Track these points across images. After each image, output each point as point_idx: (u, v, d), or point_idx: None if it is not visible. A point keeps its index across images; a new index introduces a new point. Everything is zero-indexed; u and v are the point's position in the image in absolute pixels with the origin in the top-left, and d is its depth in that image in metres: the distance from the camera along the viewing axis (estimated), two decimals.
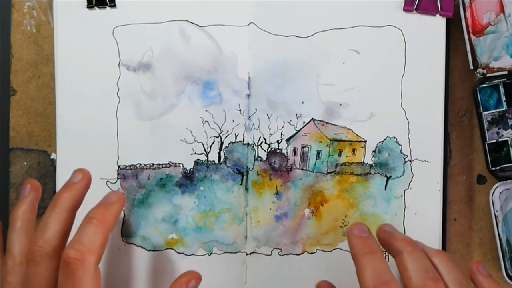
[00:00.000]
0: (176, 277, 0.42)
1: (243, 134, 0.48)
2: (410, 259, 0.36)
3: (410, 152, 0.48)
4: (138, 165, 0.48)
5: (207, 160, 0.48)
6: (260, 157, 0.48)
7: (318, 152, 0.48)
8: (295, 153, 0.48)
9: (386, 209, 0.48)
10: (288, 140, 0.48)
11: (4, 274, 0.39)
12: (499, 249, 0.47)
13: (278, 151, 0.48)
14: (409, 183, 0.48)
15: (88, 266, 0.35)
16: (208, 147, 0.48)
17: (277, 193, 0.48)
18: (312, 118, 0.48)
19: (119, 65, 0.48)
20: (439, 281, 0.35)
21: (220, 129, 0.48)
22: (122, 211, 0.48)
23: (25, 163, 0.50)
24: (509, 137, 0.48)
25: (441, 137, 0.48)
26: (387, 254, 0.46)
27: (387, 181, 0.48)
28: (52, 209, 0.39)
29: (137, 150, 0.48)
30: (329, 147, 0.48)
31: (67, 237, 0.38)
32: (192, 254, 0.48)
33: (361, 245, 0.38)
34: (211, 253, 0.48)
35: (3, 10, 0.50)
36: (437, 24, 0.48)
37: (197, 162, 0.48)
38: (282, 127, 0.48)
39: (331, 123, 0.48)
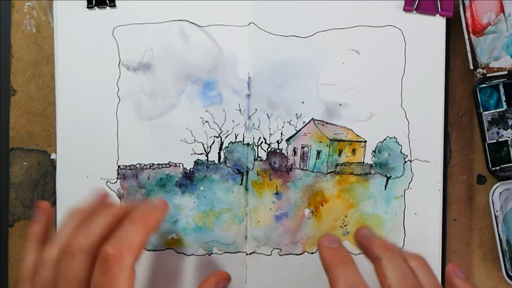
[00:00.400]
0: (206, 276, 0.41)
1: (243, 134, 0.48)
2: (389, 265, 0.36)
3: (410, 152, 0.48)
4: (138, 165, 0.48)
5: (207, 160, 0.48)
6: (260, 157, 0.48)
7: (318, 152, 0.48)
8: (295, 153, 0.48)
9: (386, 209, 0.48)
10: (288, 140, 0.48)
11: (37, 265, 0.38)
12: (499, 249, 0.47)
13: (278, 151, 0.48)
14: (409, 183, 0.48)
15: (125, 264, 0.35)
16: (208, 147, 0.48)
17: (277, 193, 0.48)
18: (312, 118, 0.48)
19: (119, 65, 0.48)
20: None
21: (220, 129, 0.48)
22: None
23: (25, 163, 0.50)
24: (509, 137, 0.48)
25: (441, 137, 0.48)
26: None
27: (387, 181, 0.48)
28: (104, 209, 0.38)
29: (137, 150, 0.48)
30: (329, 147, 0.48)
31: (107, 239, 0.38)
32: (192, 254, 0.48)
33: (332, 256, 0.37)
34: (211, 253, 0.48)
35: (3, 10, 0.50)
36: (437, 24, 0.48)
37: (197, 162, 0.48)
38: (282, 127, 0.48)
39: (331, 123, 0.48)
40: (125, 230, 0.36)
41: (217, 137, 0.48)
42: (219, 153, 0.48)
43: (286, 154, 0.48)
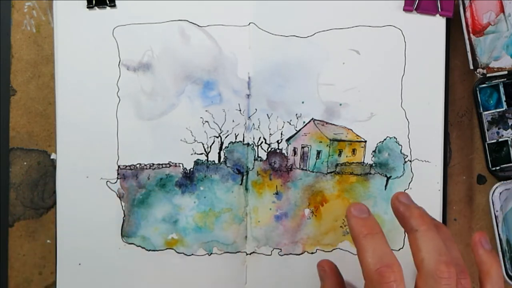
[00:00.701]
0: None
1: (243, 134, 0.48)
2: (425, 239, 0.36)
3: (410, 152, 0.48)
4: (138, 165, 0.48)
5: (207, 160, 0.48)
6: (260, 157, 0.48)
7: (318, 152, 0.48)
8: (295, 153, 0.48)
9: (386, 209, 0.48)
10: (288, 140, 0.48)
11: None
12: (499, 249, 0.47)
13: (278, 151, 0.48)
14: (409, 183, 0.48)
15: None
16: (208, 147, 0.48)
17: (277, 193, 0.48)
18: (312, 118, 0.48)
19: (119, 65, 0.48)
20: (452, 265, 0.34)
21: (220, 129, 0.48)
22: (122, 211, 0.48)
23: (25, 163, 0.50)
24: (509, 137, 0.48)
25: (441, 137, 0.48)
26: None
27: (387, 181, 0.48)
28: None
29: (137, 150, 0.48)
30: (329, 147, 0.48)
31: None
32: (192, 254, 0.48)
33: (361, 226, 0.37)
34: (211, 253, 0.48)
35: (3, 10, 0.50)
36: (437, 24, 0.48)
37: (197, 162, 0.48)
38: (282, 127, 0.48)
39: (331, 123, 0.48)
40: None
41: (217, 137, 0.48)
42: (219, 153, 0.48)
43: (286, 154, 0.48)
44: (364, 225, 0.37)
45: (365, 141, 0.48)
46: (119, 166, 0.48)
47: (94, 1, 0.47)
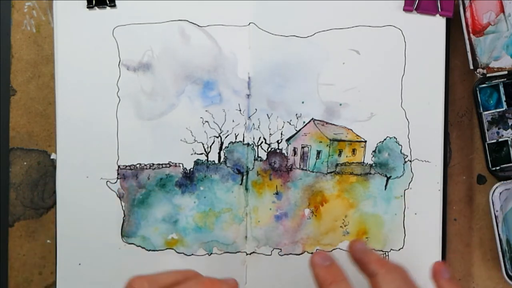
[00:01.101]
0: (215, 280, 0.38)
1: (243, 134, 0.48)
2: (386, 281, 0.36)
3: (410, 152, 0.48)
4: (138, 165, 0.48)
5: (207, 160, 0.48)
6: (260, 157, 0.48)
7: (318, 152, 0.48)
8: (295, 153, 0.48)
9: (386, 209, 0.48)
10: (288, 140, 0.48)
11: None
12: (499, 249, 0.47)
13: (278, 151, 0.48)
14: (409, 183, 0.48)
15: None
16: (208, 147, 0.48)
17: (277, 193, 0.48)
18: (312, 118, 0.48)
19: (119, 65, 0.48)
20: None
21: (220, 129, 0.48)
22: (122, 211, 0.48)
23: (25, 163, 0.50)
24: (509, 137, 0.48)
25: (441, 137, 0.48)
26: None
27: (387, 181, 0.48)
28: (180, 270, 0.37)
29: (137, 150, 0.48)
30: (329, 147, 0.48)
31: None
32: (192, 254, 0.48)
33: (325, 274, 0.37)
34: (211, 253, 0.48)
35: (3, 10, 0.50)
36: (437, 24, 0.48)
37: (197, 162, 0.48)
38: (282, 127, 0.48)
39: (331, 123, 0.48)
40: (187, 286, 0.36)
41: (217, 137, 0.48)
42: (219, 153, 0.48)
43: (286, 154, 0.48)
44: (328, 273, 0.38)
45: (365, 141, 0.48)
46: (119, 166, 0.48)
47: (94, 1, 0.47)
